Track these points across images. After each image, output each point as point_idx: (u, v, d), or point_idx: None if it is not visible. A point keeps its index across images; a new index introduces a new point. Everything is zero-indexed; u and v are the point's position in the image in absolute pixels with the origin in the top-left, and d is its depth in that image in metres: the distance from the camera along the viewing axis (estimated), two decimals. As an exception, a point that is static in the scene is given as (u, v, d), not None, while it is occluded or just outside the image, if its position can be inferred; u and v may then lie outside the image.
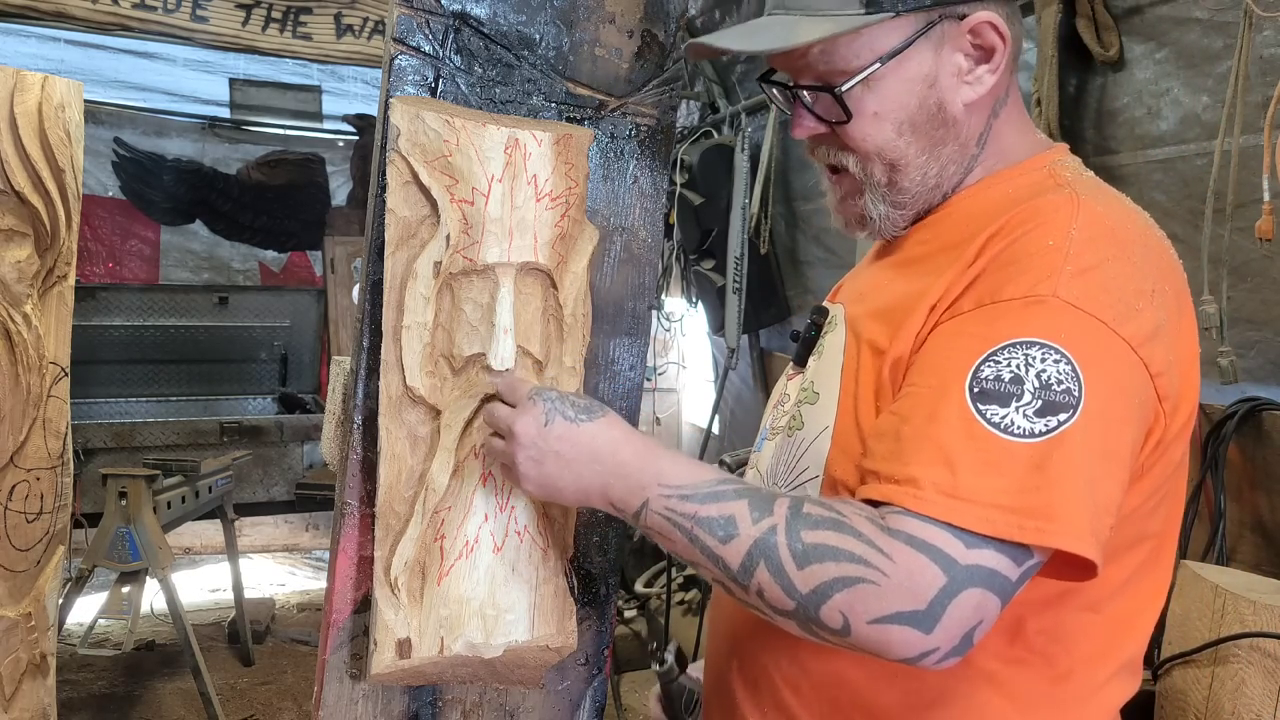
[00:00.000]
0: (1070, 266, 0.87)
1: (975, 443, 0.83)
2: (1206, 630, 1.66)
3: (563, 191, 1.16)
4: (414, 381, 1.11)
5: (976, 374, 0.85)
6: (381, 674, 1.12)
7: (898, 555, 0.82)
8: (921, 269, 1.01)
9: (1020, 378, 0.84)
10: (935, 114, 1.01)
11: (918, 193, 1.04)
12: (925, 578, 0.81)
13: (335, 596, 1.18)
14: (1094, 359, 0.85)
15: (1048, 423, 0.83)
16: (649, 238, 1.32)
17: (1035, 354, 0.84)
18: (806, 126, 1.05)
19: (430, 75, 1.16)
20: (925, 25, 0.98)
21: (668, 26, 1.28)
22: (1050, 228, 0.91)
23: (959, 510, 0.82)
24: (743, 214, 4.15)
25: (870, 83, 0.99)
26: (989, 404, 0.84)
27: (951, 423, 0.85)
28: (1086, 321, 0.86)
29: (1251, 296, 2.23)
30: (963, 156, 1.04)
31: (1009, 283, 0.89)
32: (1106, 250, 0.90)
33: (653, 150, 1.30)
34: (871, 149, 1.02)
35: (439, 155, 1.09)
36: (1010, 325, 0.87)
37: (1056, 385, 0.83)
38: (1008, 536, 0.81)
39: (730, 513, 0.89)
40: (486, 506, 1.14)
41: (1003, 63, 1.01)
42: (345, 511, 1.17)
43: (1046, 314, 0.86)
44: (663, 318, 5.05)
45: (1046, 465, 0.82)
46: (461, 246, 1.11)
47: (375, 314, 1.14)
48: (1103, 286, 0.88)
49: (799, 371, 1.14)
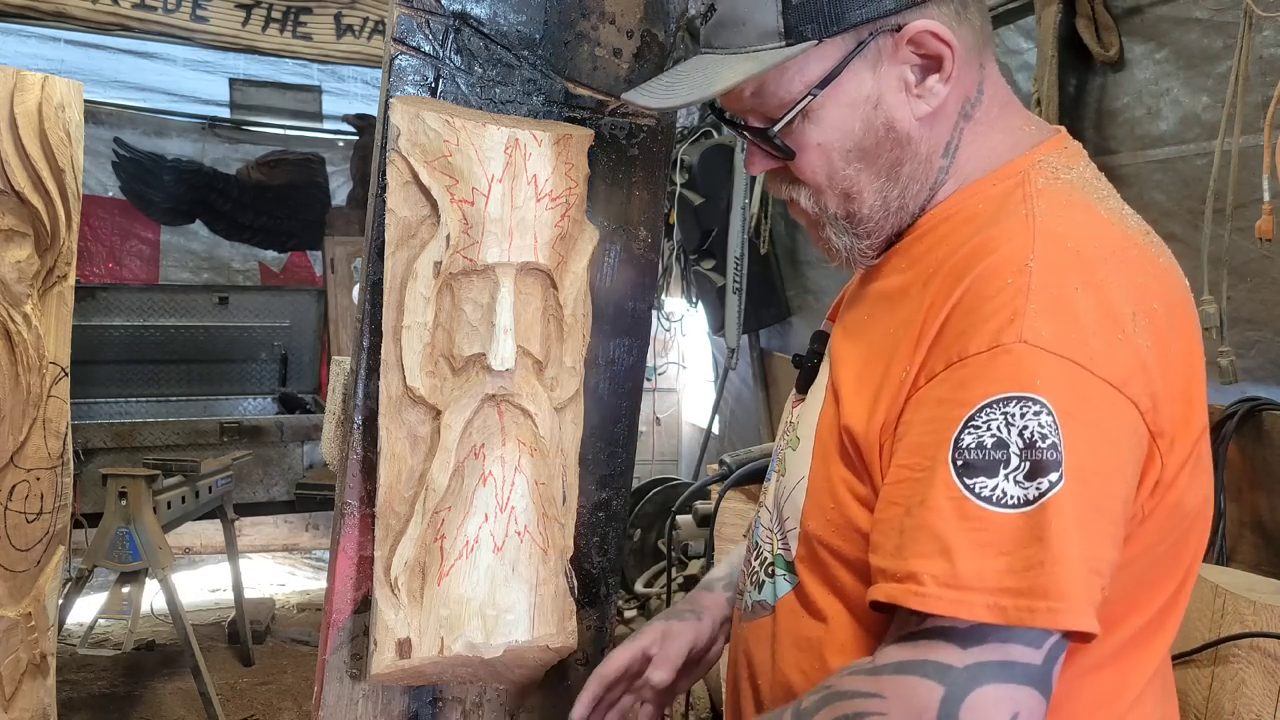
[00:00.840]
0: (1034, 305, 0.79)
1: (968, 523, 0.77)
2: (1206, 630, 1.66)
3: (563, 191, 1.16)
4: (414, 381, 1.11)
5: (958, 445, 0.79)
6: (381, 674, 1.12)
7: (888, 689, 0.79)
8: (895, 308, 0.94)
9: (1003, 441, 0.77)
10: (885, 136, 0.94)
11: (880, 220, 0.97)
12: (921, 695, 0.77)
13: (335, 596, 1.18)
14: (1073, 407, 0.77)
15: (1039, 485, 0.76)
16: (649, 238, 1.32)
17: (1014, 410, 0.77)
18: (759, 164, 0.99)
19: (430, 75, 1.16)
20: (856, 46, 0.91)
21: (668, 26, 1.28)
22: (1007, 262, 0.83)
23: (963, 603, 0.76)
24: (743, 214, 4.15)
25: (808, 114, 0.93)
26: (975, 476, 0.78)
27: (941, 506, 0.79)
28: (1060, 365, 0.78)
29: (1251, 296, 2.23)
30: (928, 173, 0.96)
31: (972, 334, 0.81)
32: (1072, 278, 0.82)
33: (653, 150, 1.30)
34: (822, 181, 0.96)
35: (439, 155, 1.09)
36: (982, 384, 0.79)
37: (1042, 442, 0.76)
38: (1020, 623, 0.75)
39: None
40: (486, 506, 1.14)
41: (954, 69, 0.92)
42: (345, 511, 1.17)
43: (1015, 363, 0.78)
44: (663, 318, 5.05)
45: (1045, 536, 0.75)
46: (461, 246, 1.11)
47: (375, 314, 1.14)
48: (1073, 322, 0.80)
49: (800, 399, 1.10)
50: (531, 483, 1.17)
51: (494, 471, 1.14)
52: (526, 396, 1.16)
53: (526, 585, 1.18)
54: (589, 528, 1.31)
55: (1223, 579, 1.70)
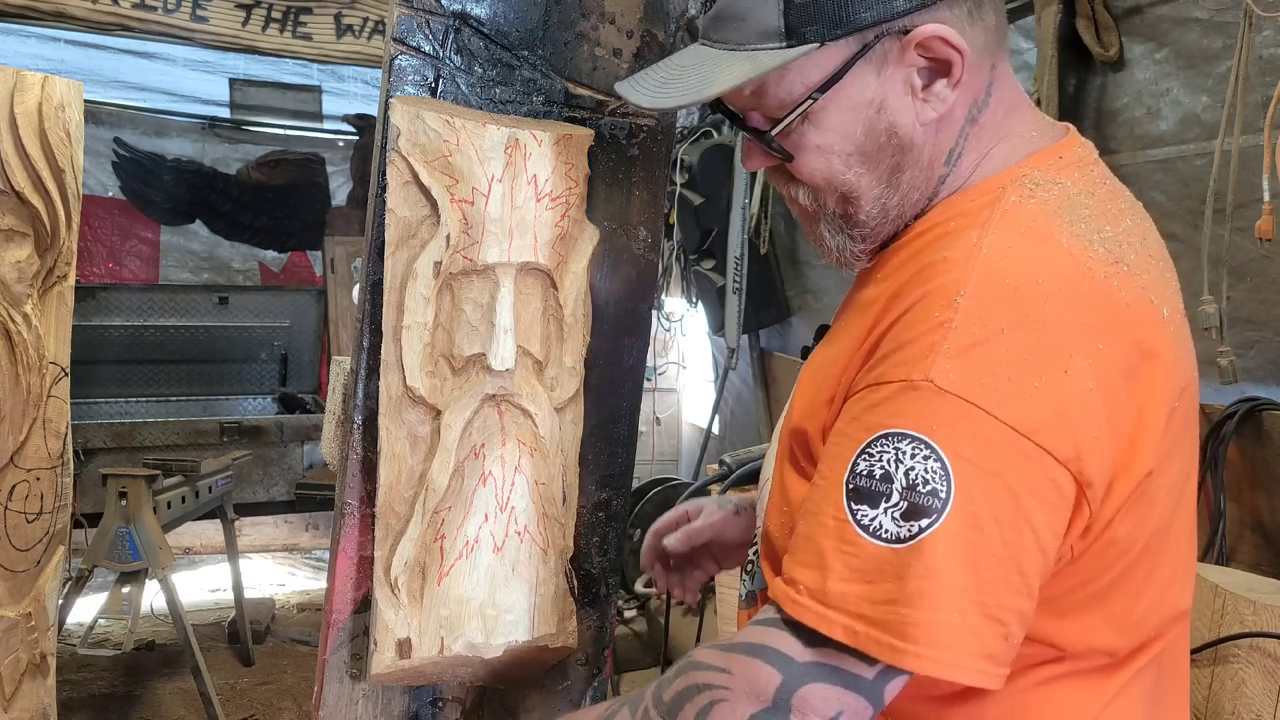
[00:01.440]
0: (949, 345, 0.78)
1: (845, 545, 0.79)
2: (1206, 630, 1.66)
3: (563, 191, 1.16)
4: (414, 381, 1.11)
5: (854, 469, 0.80)
6: (381, 674, 1.12)
7: (735, 666, 0.84)
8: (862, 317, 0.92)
9: (890, 475, 0.78)
10: (886, 141, 0.91)
11: (877, 225, 0.95)
12: (761, 678, 0.82)
13: (335, 596, 1.18)
14: (972, 454, 0.76)
15: (910, 528, 0.77)
16: (649, 238, 1.32)
17: (906, 448, 0.78)
18: (756, 160, 0.97)
19: (430, 75, 1.16)
20: (861, 48, 0.88)
21: (668, 26, 1.28)
22: (940, 294, 0.82)
23: (825, 618, 0.79)
24: (743, 214, 4.15)
25: (809, 116, 0.90)
26: (861, 503, 0.79)
27: (828, 523, 0.81)
28: (963, 410, 0.77)
29: (1251, 296, 2.23)
30: (928, 180, 0.93)
31: (893, 361, 0.82)
32: (999, 319, 0.79)
33: (653, 150, 1.30)
34: (820, 183, 0.94)
35: (439, 155, 1.09)
36: (885, 414, 0.80)
37: (923, 486, 0.77)
38: (867, 651, 0.78)
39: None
40: (486, 506, 1.14)
41: (963, 74, 0.89)
42: (345, 511, 1.17)
43: (919, 402, 0.78)
44: (663, 318, 5.05)
45: (906, 576, 0.76)
46: (461, 246, 1.11)
47: (375, 314, 1.14)
48: (987, 367, 0.78)
49: None
50: (531, 483, 1.17)
51: (494, 471, 1.14)
52: (526, 396, 1.16)
53: (526, 585, 1.18)
54: (589, 528, 1.31)
55: (1223, 579, 1.70)
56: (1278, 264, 2.17)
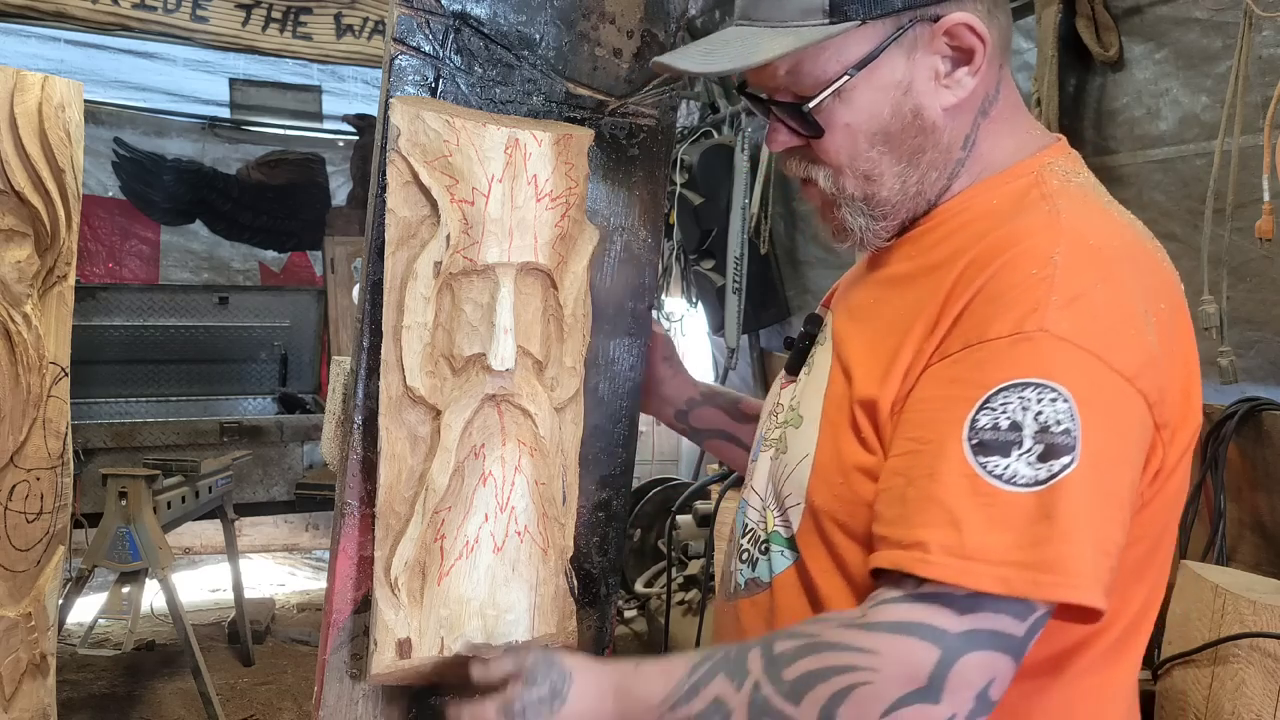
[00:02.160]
0: (1056, 297, 0.83)
1: (979, 499, 0.81)
2: (1206, 630, 1.66)
3: (563, 191, 1.16)
4: (414, 381, 1.11)
5: (973, 424, 0.82)
6: (381, 674, 1.12)
7: (883, 646, 0.82)
8: (905, 292, 0.97)
9: (1018, 423, 0.81)
10: (911, 121, 0.96)
11: (898, 203, 1.00)
12: (917, 656, 0.80)
13: (335, 596, 1.18)
14: (1089, 396, 0.81)
15: (1050, 468, 0.80)
16: (649, 238, 1.32)
17: (1030, 395, 0.81)
18: (781, 140, 1.01)
19: (430, 75, 1.16)
20: (895, 31, 0.93)
21: (668, 26, 1.28)
22: (1032, 255, 0.86)
23: (970, 571, 0.80)
24: (742, 214, 4.15)
25: (841, 94, 0.95)
26: (989, 455, 0.81)
27: (954, 480, 0.82)
28: (1078, 356, 0.82)
29: (1251, 296, 2.23)
30: (946, 162, 0.98)
31: (994, 320, 0.85)
32: (1092, 275, 0.85)
33: (653, 150, 1.30)
34: (844, 162, 0.98)
35: (439, 155, 1.09)
36: (1001, 368, 0.83)
37: (1056, 427, 0.80)
38: (1024, 594, 0.79)
39: (715, 694, 0.88)
40: (486, 506, 1.14)
41: (983, 63, 0.95)
42: (345, 511, 1.17)
43: (1036, 351, 0.82)
44: (663, 318, 5.05)
45: (1054, 514, 0.79)
46: (461, 246, 1.11)
47: (375, 314, 1.14)
48: (1092, 316, 0.83)
49: (791, 380, 1.13)
50: (531, 483, 1.17)
51: (494, 471, 1.14)
52: (526, 396, 1.16)
53: (526, 585, 1.18)
54: (589, 528, 1.31)
55: (1223, 579, 1.70)
56: (1278, 264, 2.17)
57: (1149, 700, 1.82)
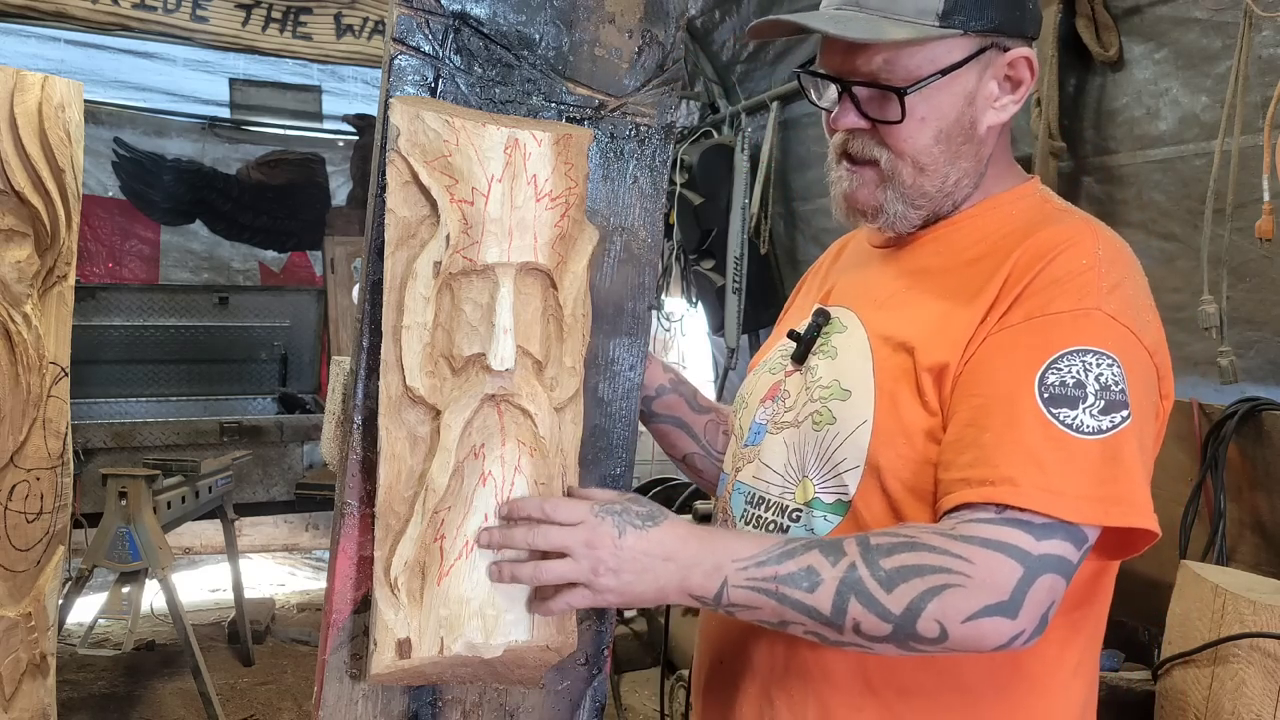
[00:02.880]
0: (1105, 284, 1.00)
1: (1055, 443, 0.94)
2: (1206, 630, 1.66)
3: (562, 191, 1.16)
4: (414, 381, 1.11)
5: (1044, 380, 0.96)
6: (381, 674, 1.12)
7: (976, 557, 0.92)
8: (946, 281, 1.10)
9: (1082, 382, 0.95)
10: (967, 129, 1.10)
11: (934, 197, 1.13)
12: (1005, 571, 0.91)
13: (335, 596, 1.18)
14: (1131, 363, 0.97)
15: (1111, 420, 0.95)
16: (649, 238, 1.32)
17: (1091, 360, 0.96)
18: (850, 120, 1.12)
19: (430, 75, 1.16)
20: (978, 49, 1.08)
21: (668, 26, 1.28)
22: (1080, 250, 1.02)
23: (1055, 503, 0.92)
24: (742, 214, 4.16)
25: (926, 91, 1.07)
26: (1060, 407, 0.95)
27: (1031, 427, 0.95)
28: (1122, 331, 0.98)
29: (1251, 296, 2.23)
30: (975, 173, 1.13)
31: (1056, 299, 0.99)
32: (1124, 270, 1.03)
33: (653, 150, 1.30)
34: (910, 150, 1.10)
35: (439, 155, 1.09)
36: (1065, 335, 0.97)
37: (1114, 386, 0.95)
38: (1094, 521, 0.93)
39: (808, 564, 0.96)
40: (486, 506, 1.14)
41: (1024, 95, 1.11)
42: (345, 511, 1.17)
43: (1095, 325, 0.97)
44: (663, 318, 5.05)
45: (1118, 458, 0.94)
46: (461, 246, 1.11)
47: (375, 314, 1.14)
48: (1128, 301, 1.00)
49: (797, 369, 1.20)
50: (531, 483, 1.17)
51: (494, 471, 1.14)
52: (526, 396, 1.16)
53: (526, 585, 1.18)
54: (589, 528, 1.31)
55: (1223, 579, 1.70)
56: (1278, 264, 2.17)
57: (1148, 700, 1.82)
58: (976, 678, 1.05)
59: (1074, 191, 2.66)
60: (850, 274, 1.27)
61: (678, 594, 1.02)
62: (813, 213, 4.18)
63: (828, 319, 1.20)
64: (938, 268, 1.12)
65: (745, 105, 4.38)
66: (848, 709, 1.08)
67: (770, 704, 1.14)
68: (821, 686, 1.10)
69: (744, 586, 0.98)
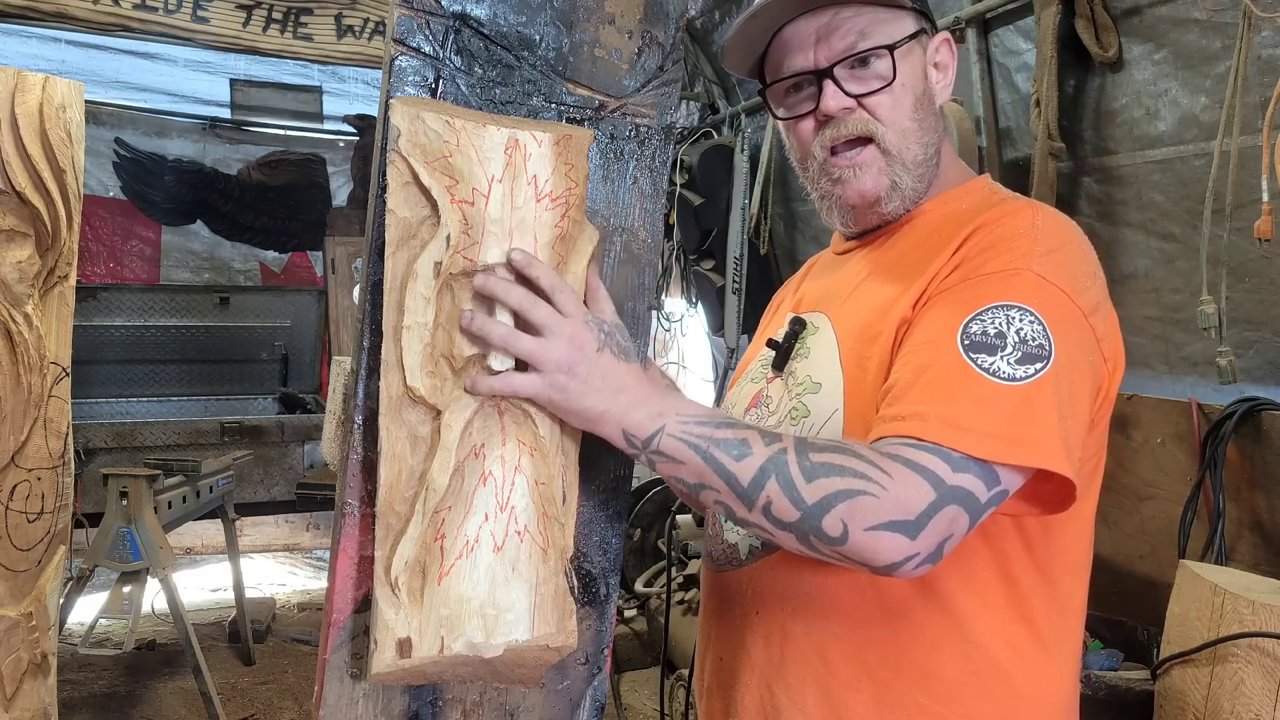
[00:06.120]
0: (1039, 248, 1.04)
1: (969, 384, 0.97)
2: (1206, 630, 1.66)
3: (563, 192, 1.17)
4: (414, 381, 1.11)
5: (966, 329, 1.00)
6: (382, 673, 1.12)
7: (895, 473, 0.94)
8: (900, 266, 1.15)
9: (1003, 333, 0.99)
10: (930, 101, 1.18)
11: (922, 167, 1.18)
12: (918, 492, 0.93)
13: (335, 596, 1.18)
14: (1059, 321, 1.00)
15: (1027, 370, 0.97)
16: (649, 238, 1.32)
17: (1014, 315, 1.00)
18: (838, 101, 1.16)
19: (430, 76, 1.16)
20: (919, 29, 1.17)
21: (668, 27, 1.28)
22: (1019, 220, 1.08)
23: (959, 437, 0.95)
24: (742, 214, 4.16)
25: (901, 53, 1.14)
26: (979, 353, 0.98)
27: (949, 369, 0.99)
28: (1053, 291, 1.02)
29: (1250, 296, 2.23)
30: (932, 160, 1.19)
31: (990, 260, 1.05)
32: (1063, 238, 1.08)
33: (653, 150, 1.30)
34: (897, 118, 1.15)
35: (439, 156, 1.10)
36: (992, 292, 1.02)
37: (1032, 340, 0.99)
38: (998, 459, 0.95)
39: (744, 436, 0.99)
40: (486, 506, 1.15)
41: (952, 80, 1.20)
42: (345, 511, 1.17)
43: (1022, 284, 1.01)
44: (663, 318, 5.05)
45: (1030, 403, 0.97)
46: (462, 247, 1.11)
47: (375, 314, 1.14)
48: (1064, 265, 1.04)
49: (776, 376, 1.25)
50: (531, 482, 1.18)
51: (494, 471, 1.15)
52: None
53: (526, 585, 1.18)
54: (589, 527, 1.32)
55: (1222, 579, 1.70)
56: (1277, 264, 2.17)
57: (1148, 699, 1.82)
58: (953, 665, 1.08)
59: (1074, 191, 2.67)
60: (819, 281, 1.35)
61: (614, 425, 1.04)
62: (813, 213, 4.18)
63: (804, 325, 1.25)
64: (895, 257, 1.18)
65: (745, 106, 4.38)
66: (845, 690, 1.10)
67: (771, 695, 1.16)
68: (820, 672, 1.12)
69: (677, 437, 1.01)
